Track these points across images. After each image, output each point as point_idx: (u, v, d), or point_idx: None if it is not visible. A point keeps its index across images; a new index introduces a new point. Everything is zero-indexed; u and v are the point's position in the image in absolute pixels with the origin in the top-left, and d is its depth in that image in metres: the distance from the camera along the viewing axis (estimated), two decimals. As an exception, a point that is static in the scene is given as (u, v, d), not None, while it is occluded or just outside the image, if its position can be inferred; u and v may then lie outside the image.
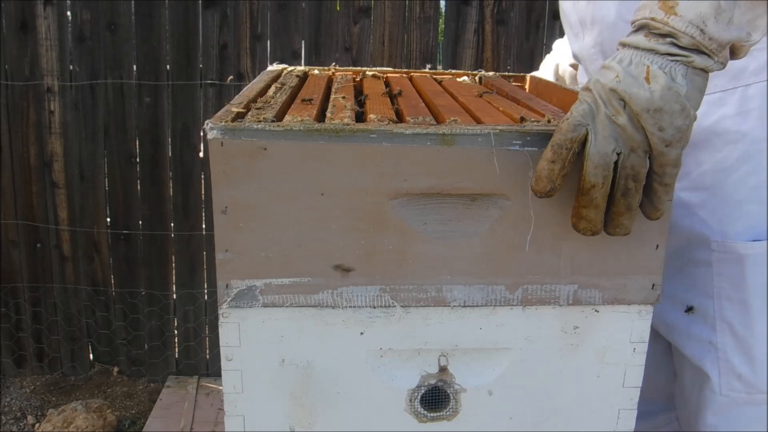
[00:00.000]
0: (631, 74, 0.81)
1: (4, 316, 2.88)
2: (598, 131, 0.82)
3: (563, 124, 0.84)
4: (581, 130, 0.82)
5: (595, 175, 0.82)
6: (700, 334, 1.16)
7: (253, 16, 2.70)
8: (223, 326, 0.92)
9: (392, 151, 0.85)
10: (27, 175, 2.78)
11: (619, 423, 1.00)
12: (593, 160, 0.82)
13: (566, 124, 0.83)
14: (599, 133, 0.82)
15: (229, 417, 0.96)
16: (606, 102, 0.81)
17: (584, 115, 0.83)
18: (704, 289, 1.14)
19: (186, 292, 2.91)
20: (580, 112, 0.83)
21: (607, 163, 0.82)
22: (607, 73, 0.82)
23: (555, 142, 0.83)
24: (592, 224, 0.86)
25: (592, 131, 0.82)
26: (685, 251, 1.16)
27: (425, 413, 0.98)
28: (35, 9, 2.64)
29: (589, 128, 0.82)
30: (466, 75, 1.55)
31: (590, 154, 0.82)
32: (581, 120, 0.83)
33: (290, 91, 1.16)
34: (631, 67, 0.81)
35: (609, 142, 0.81)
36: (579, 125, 0.82)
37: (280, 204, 0.86)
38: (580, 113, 0.83)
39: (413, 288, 0.92)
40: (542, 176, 0.84)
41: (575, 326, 0.96)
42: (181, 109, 2.75)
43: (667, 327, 1.22)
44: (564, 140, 0.83)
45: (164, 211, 2.84)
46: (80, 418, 2.55)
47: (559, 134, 0.83)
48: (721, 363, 1.14)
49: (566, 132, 0.83)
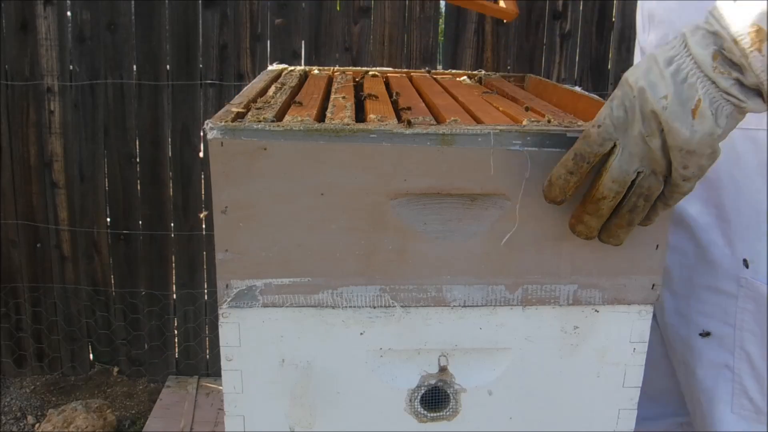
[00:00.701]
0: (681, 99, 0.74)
1: (4, 316, 2.88)
2: (627, 146, 0.78)
3: (592, 131, 0.80)
4: (609, 145, 0.79)
5: (610, 189, 0.80)
6: (716, 358, 1.17)
7: (253, 16, 2.70)
8: (223, 326, 0.92)
9: (392, 151, 0.85)
10: (27, 175, 2.78)
11: (619, 423, 1.00)
12: (613, 174, 0.79)
13: (595, 135, 0.79)
14: (627, 148, 0.78)
15: (229, 417, 0.96)
16: (644, 119, 0.76)
17: (617, 126, 0.78)
18: (725, 318, 1.15)
19: (186, 292, 2.91)
20: (613, 121, 0.78)
21: (625, 180, 0.79)
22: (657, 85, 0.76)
23: (579, 152, 0.80)
24: (589, 231, 0.85)
25: (621, 144, 0.78)
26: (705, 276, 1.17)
27: (425, 413, 0.98)
28: (35, 9, 2.64)
29: (618, 142, 0.78)
30: (466, 75, 1.55)
31: (612, 168, 0.79)
32: (611, 134, 0.78)
33: (290, 91, 1.16)
34: (683, 88, 0.74)
35: (634, 160, 0.78)
36: (608, 140, 0.79)
37: (280, 204, 0.86)
38: (612, 123, 0.78)
39: (413, 288, 0.92)
40: (557, 185, 0.82)
41: (575, 326, 0.96)
42: (181, 109, 2.75)
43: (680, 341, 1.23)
44: (588, 153, 0.80)
45: (164, 211, 2.84)
46: (80, 418, 2.55)
47: (585, 145, 0.80)
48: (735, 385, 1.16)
49: (593, 144, 0.79)
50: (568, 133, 0.87)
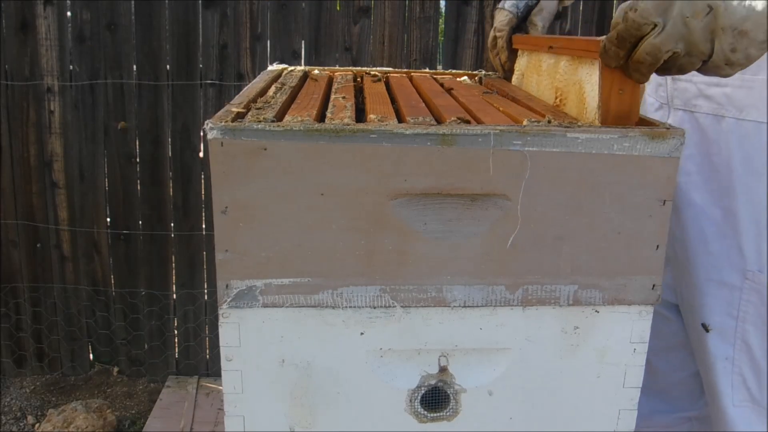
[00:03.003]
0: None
1: (4, 316, 2.88)
2: (666, 27, 0.79)
3: (630, 15, 0.82)
4: (646, 29, 0.80)
5: (645, 59, 0.82)
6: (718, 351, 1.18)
7: (253, 16, 2.70)
8: (223, 326, 0.92)
9: (392, 151, 0.85)
10: (27, 175, 2.78)
11: (619, 423, 1.00)
12: (646, 49, 0.81)
13: (632, 19, 0.81)
14: (666, 29, 0.79)
15: (229, 417, 0.96)
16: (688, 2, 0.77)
17: (655, 7, 0.79)
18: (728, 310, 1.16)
19: (186, 292, 2.91)
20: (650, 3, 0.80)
21: (658, 56, 0.81)
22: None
23: (620, 33, 0.83)
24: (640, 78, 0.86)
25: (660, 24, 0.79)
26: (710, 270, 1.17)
27: (425, 413, 0.98)
28: (35, 9, 2.64)
29: (658, 22, 0.79)
30: (466, 75, 1.55)
31: (647, 43, 0.81)
32: (652, 16, 0.80)
33: (290, 91, 1.16)
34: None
35: (670, 41, 0.79)
36: (645, 24, 0.80)
37: (280, 204, 0.86)
38: (651, 5, 0.80)
39: (413, 288, 0.92)
40: (609, 55, 0.86)
41: (575, 326, 0.95)
42: (181, 109, 2.75)
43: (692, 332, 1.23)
44: (629, 35, 0.82)
45: (164, 211, 2.84)
46: (80, 418, 2.55)
47: (625, 28, 0.82)
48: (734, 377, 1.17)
49: (631, 28, 0.81)
50: (567, 133, 0.87)
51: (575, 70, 1.05)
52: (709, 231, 1.17)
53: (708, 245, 1.17)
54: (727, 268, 1.15)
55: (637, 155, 0.88)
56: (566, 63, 1.10)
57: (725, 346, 1.17)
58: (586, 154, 0.87)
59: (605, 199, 0.89)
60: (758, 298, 1.13)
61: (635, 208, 0.90)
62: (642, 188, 0.89)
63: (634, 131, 0.87)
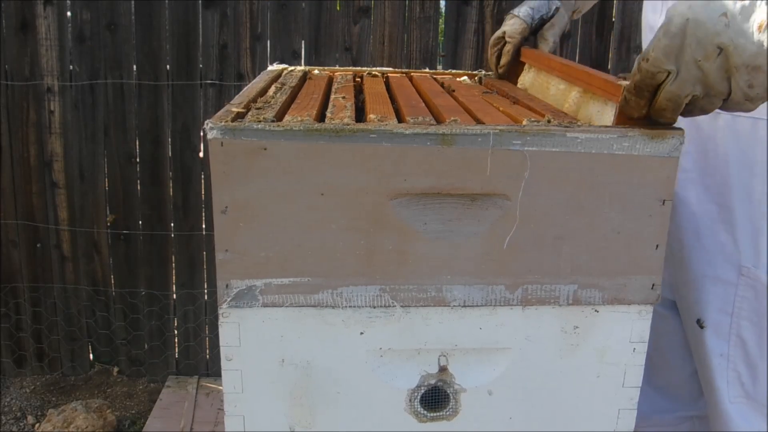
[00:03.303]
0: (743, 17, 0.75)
1: (4, 316, 2.88)
2: (681, 73, 0.80)
3: (644, 65, 0.83)
4: (662, 76, 0.81)
5: (667, 105, 0.83)
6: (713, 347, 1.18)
7: (253, 16, 2.70)
8: (223, 326, 0.92)
9: (392, 151, 0.85)
10: (27, 175, 2.78)
11: (619, 423, 1.00)
12: (666, 96, 0.82)
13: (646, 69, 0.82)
14: (681, 75, 0.80)
15: (229, 417, 0.96)
16: (697, 43, 0.78)
17: (667, 55, 0.80)
18: (722, 306, 1.16)
19: (186, 292, 2.91)
20: (662, 50, 0.80)
21: (678, 102, 0.82)
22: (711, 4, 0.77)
23: (637, 84, 0.84)
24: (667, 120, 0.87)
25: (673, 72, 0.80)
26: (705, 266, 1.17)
27: (425, 413, 0.98)
28: (35, 9, 2.64)
29: (671, 69, 0.80)
30: (466, 75, 1.55)
31: (665, 90, 0.82)
32: (663, 63, 0.81)
33: (290, 91, 1.16)
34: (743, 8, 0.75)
35: (687, 85, 0.80)
36: (659, 72, 0.81)
37: (280, 204, 0.86)
38: (662, 53, 0.80)
39: (413, 288, 0.92)
40: (630, 105, 0.87)
41: (575, 326, 0.95)
42: (181, 109, 2.75)
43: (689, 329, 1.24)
44: (646, 85, 0.83)
45: (164, 211, 2.84)
46: (80, 418, 2.55)
47: (641, 79, 0.83)
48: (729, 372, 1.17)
49: (646, 78, 0.82)
50: (567, 133, 0.87)
51: (586, 104, 1.06)
52: (705, 227, 1.17)
53: (703, 241, 1.17)
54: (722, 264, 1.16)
55: (636, 155, 0.88)
56: (578, 94, 1.10)
57: (720, 342, 1.17)
58: (586, 153, 0.87)
59: (605, 199, 0.89)
60: (753, 293, 1.13)
61: (635, 207, 0.90)
62: (642, 188, 0.89)
63: (634, 131, 0.87)
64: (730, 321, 1.16)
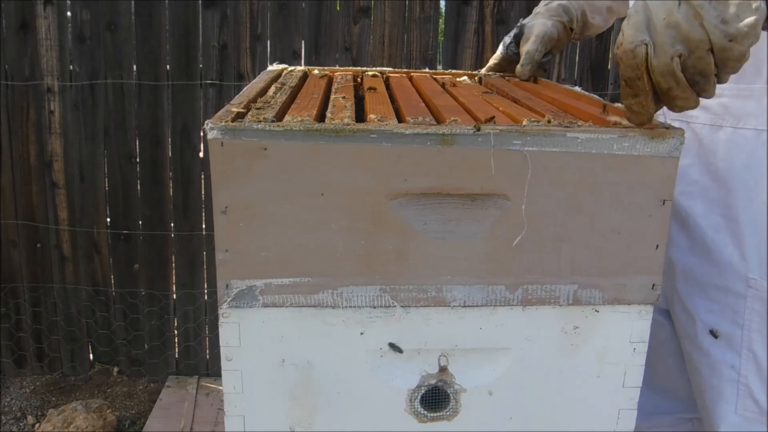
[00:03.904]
0: None
1: (4, 316, 2.88)
2: (656, 41, 0.78)
3: (620, 52, 0.81)
4: (641, 51, 0.79)
5: (667, 82, 0.80)
6: (723, 357, 1.17)
7: (253, 16, 2.70)
8: (223, 326, 0.92)
9: (392, 151, 0.85)
10: (27, 175, 2.78)
11: (619, 423, 1.00)
12: (657, 71, 0.79)
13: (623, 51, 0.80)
14: (656, 42, 0.78)
15: (229, 417, 0.96)
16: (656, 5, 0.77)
17: (638, 28, 0.79)
18: (733, 318, 1.16)
19: (186, 292, 2.91)
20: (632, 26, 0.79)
21: (671, 70, 0.79)
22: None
23: (624, 75, 0.82)
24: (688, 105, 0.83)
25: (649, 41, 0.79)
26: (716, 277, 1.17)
27: (425, 413, 0.98)
28: (35, 9, 2.64)
29: (647, 42, 0.79)
30: (466, 75, 1.55)
31: (653, 66, 0.79)
32: (636, 36, 0.79)
33: (290, 91, 1.16)
34: None
35: (667, 48, 0.78)
36: (636, 45, 0.79)
37: (280, 204, 0.86)
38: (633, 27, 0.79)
39: (413, 288, 0.92)
40: (634, 110, 0.84)
41: (575, 326, 0.95)
42: (181, 109, 2.75)
43: (687, 339, 1.23)
44: (632, 71, 0.80)
45: (164, 211, 2.84)
46: (80, 418, 2.55)
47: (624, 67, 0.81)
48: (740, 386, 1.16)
49: (628, 60, 0.80)
50: (567, 133, 0.87)
51: None
52: (711, 239, 1.16)
53: (712, 254, 1.17)
54: (731, 276, 1.15)
55: (636, 155, 0.88)
56: None
57: (732, 354, 1.16)
58: (586, 153, 0.87)
59: (605, 199, 0.89)
60: (761, 305, 1.13)
61: (635, 207, 0.90)
62: (642, 188, 0.89)
63: (634, 131, 0.87)
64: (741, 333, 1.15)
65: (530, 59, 1.42)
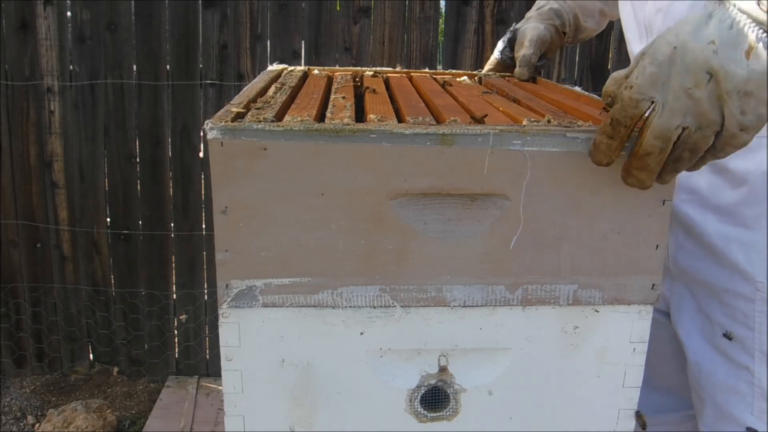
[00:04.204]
0: (731, 43, 0.72)
1: (4, 316, 2.88)
2: (668, 102, 0.75)
3: (625, 93, 0.78)
4: (645, 106, 0.77)
5: (653, 145, 0.77)
6: (738, 358, 1.17)
7: (253, 16, 2.70)
8: (223, 326, 0.92)
9: (392, 151, 0.85)
10: (27, 175, 2.78)
11: (619, 423, 1.00)
12: (654, 132, 0.77)
13: (628, 97, 0.77)
14: (668, 104, 0.75)
15: (229, 417, 0.96)
16: (686, 70, 0.74)
17: (653, 83, 0.76)
18: (745, 321, 1.16)
19: (186, 292, 2.91)
20: (648, 78, 0.76)
21: (668, 137, 0.76)
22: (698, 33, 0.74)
23: (615, 117, 0.79)
24: (640, 183, 0.82)
25: (660, 101, 0.76)
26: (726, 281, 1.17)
27: (425, 413, 0.98)
28: (35, 9, 2.64)
29: (656, 99, 0.76)
30: (466, 75, 1.55)
31: (653, 125, 0.76)
32: (647, 92, 0.76)
33: (290, 91, 1.16)
34: (732, 33, 0.73)
35: (676, 116, 0.75)
36: (643, 100, 0.76)
37: (280, 204, 0.86)
38: (648, 80, 0.76)
39: (413, 288, 0.92)
40: (600, 150, 0.82)
41: (575, 326, 0.95)
42: (181, 109, 2.75)
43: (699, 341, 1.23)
44: (624, 118, 0.78)
45: (164, 211, 2.84)
46: (80, 418, 2.56)
47: (620, 109, 0.78)
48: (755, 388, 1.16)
49: (628, 107, 0.77)
50: (567, 133, 0.87)
51: None
52: (718, 245, 1.17)
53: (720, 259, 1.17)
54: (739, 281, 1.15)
55: (636, 155, 0.88)
56: None
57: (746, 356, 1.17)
58: (586, 153, 0.87)
59: (605, 199, 0.89)
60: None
61: (635, 207, 0.90)
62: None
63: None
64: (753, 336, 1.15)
65: (527, 63, 1.43)
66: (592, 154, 0.84)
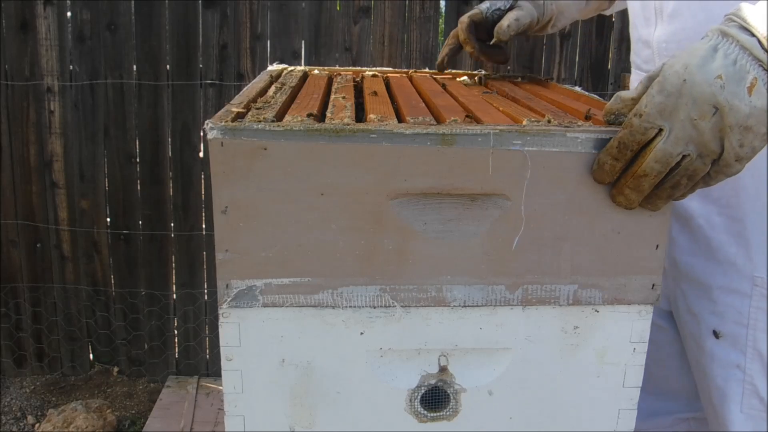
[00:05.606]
0: (736, 79, 0.77)
1: (4, 316, 2.89)
2: (674, 130, 0.80)
3: (634, 121, 0.81)
4: (652, 133, 0.81)
5: (653, 168, 0.82)
6: (728, 357, 1.17)
7: (253, 16, 2.70)
8: (223, 326, 0.92)
9: (392, 151, 0.85)
10: (27, 175, 2.78)
11: (619, 423, 1.00)
12: (657, 155, 0.81)
13: (637, 124, 0.81)
14: (674, 132, 0.80)
15: (229, 417, 0.96)
16: (693, 102, 0.79)
17: (661, 112, 0.80)
18: (737, 318, 1.16)
19: (186, 292, 2.91)
20: (657, 107, 0.80)
21: (669, 162, 0.81)
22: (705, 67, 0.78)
23: (622, 141, 0.83)
24: (629, 203, 0.87)
25: (667, 129, 0.80)
26: (719, 277, 1.17)
27: (425, 413, 0.98)
28: (35, 9, 2.64)
29: (664, 127, 0.80)
30: (466, 75, 1.55)
31: (656, 149, 0.81)
32: (656, 120, 0.80)
33: (290, 91, 1.16)
34: (736, 69, 0.78)
35: (680, 143, 0.80)
36: (651, 128, 0.81)
37: (280, 204, 0.86)
38: (657, 109, 0.80)
39: (413, 288, 0.92)
40: (605, 170, 0.85)
41: (575, 326, 0.95)
42: (181, 109, 2.75)
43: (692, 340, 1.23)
44: (631, 141, 0.82)
45: (164, 211, 2.84)
46: (80, 418, 2.56)
47: (629, 134, 0.82)
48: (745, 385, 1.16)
49: (636, 133, 0.81)
50: (567, 133, 0.87)
51: None
52: (715, 239, 1.16)
53: (715, 254, 1.17)
54: (734, 276, 1.15)
55: (637, 155, 0.88)
56: None
57: (737, 353, 1.16)
58: (586, 153, 0.87)
59: (605, 199, 0.89)
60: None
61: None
62: (642, 188, 0.89)
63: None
64: (746, 333, 1.15)
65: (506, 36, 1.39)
66: (596, 173, 0.87)
